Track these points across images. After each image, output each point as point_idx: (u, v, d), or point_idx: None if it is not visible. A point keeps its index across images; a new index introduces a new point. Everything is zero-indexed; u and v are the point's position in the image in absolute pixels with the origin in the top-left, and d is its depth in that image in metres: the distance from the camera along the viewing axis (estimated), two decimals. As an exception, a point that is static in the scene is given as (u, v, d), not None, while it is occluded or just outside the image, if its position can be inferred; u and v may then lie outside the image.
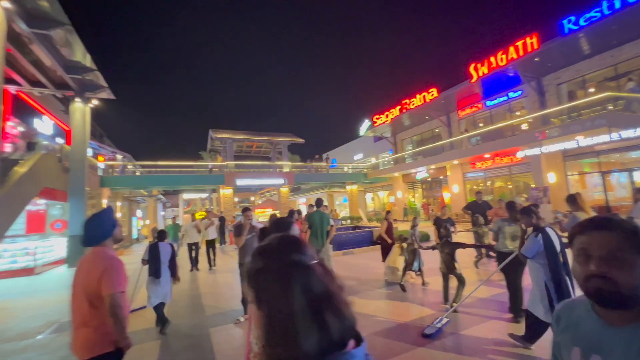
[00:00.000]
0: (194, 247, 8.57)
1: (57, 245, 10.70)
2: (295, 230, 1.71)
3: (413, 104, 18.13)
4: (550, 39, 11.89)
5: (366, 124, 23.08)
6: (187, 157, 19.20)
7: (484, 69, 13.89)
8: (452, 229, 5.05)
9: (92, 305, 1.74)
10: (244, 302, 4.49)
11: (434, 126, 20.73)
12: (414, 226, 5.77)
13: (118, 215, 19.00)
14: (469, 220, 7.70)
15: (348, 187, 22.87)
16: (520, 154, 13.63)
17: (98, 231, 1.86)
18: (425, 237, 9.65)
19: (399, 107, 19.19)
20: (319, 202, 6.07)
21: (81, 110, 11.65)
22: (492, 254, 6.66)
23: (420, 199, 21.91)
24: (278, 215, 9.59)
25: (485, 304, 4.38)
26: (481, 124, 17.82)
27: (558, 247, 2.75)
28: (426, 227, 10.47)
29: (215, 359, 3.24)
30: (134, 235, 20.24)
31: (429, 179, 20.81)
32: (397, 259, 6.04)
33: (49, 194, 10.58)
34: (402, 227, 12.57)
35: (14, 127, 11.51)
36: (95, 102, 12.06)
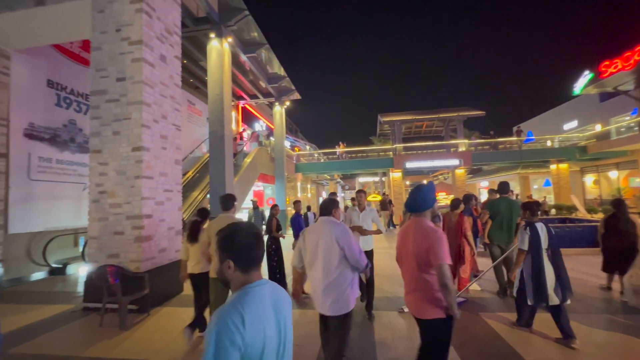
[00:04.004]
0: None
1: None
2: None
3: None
4: None
5: (585, 78, 16.49)
6: (359, 143, 20.56)
7: None
8: None
9: (421, 270, 1.94)
10: None
11: None
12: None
13: (308, 195, 23.13)
14: None
15: (552, 167, 17.45)
16: None
17: (423, 201, 2.06)
18: None
19: (653, 41, 12.38)
20: (504, 187, 4.78)
21: (279, 112, 14.71)
22: None
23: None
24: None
25: None
26: None
27: (545, 242, 3.15)
28: None
29: (376, 347, 3.14)
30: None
31: None
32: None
33: (264, 178, 14.13)
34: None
35: (245, 130, 16.07)
36: (287, 103, 14.89)
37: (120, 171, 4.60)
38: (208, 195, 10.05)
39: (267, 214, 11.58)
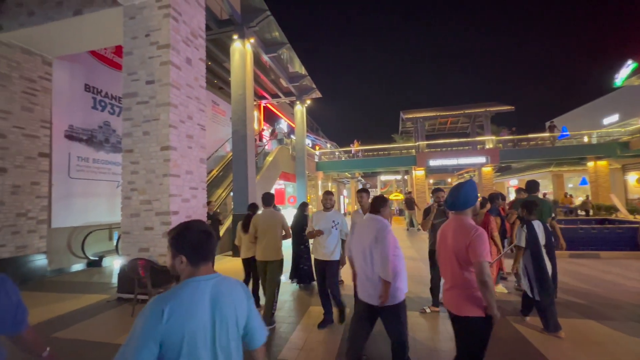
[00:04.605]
0: None
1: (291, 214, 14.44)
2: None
3: None
4: None
5: (628, 68, 15.33)
6: (381, 141, 20.28)
7: None
8: None
9: (462, 267, 1.95)
10: (433, 291, 4.11)
11: None
12: None
13: (329, 193, 23.13)
14: None
15: (590, 164, 16.34)
16: None
17: (466, 199, 2.01)
18: None
19: None
20: (532, 185, 4.53)
21: (300, 110, 14.81)
22: None
23: None
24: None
25: None
26: None
27: (543, 239, 3.38)
28: None
29: (396, 345, 3.11)
30: (341, 210, 24.04)
31: None
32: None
33: (285, 176, 14.31)
34: None
35: (265, 129, 16.32)
36: (308, 102, 14.96)
37: (150, 169, 4.84)
38: (231, 193, 10.33)
39: (283, 212, 11.67)
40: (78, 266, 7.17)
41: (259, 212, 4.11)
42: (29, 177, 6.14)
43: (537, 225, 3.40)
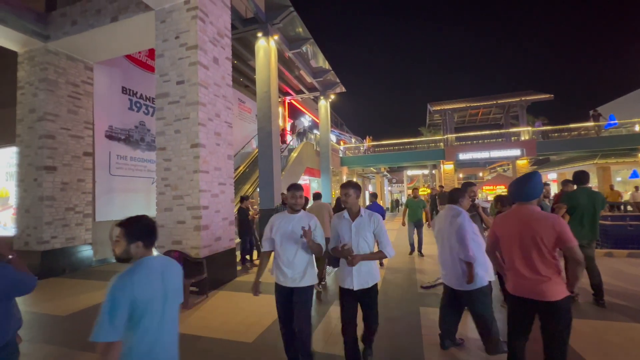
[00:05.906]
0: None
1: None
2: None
3: None
4: None
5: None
6: (407, 134, 19.78)
7: None
8: None
9: (549, 253, 2.01)
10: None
11: None
12: None
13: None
14: None
15: (641, 155, 14.90)
16: None
17: (533, 190, 2.15)
18: None
19: None
20: (582, 176, 4.16)
21: (324, 105, 14.79)
22: None
23: None
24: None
25: None
26: None
27: None
28: None
29: (423, 344, 3.05)
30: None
31: None
32: None
33: (309, 171, 14.41)
34: None
35: (290, 125, 16.47)
36: (332, 97, 14.88)
37: (181, 166, 5.07)
38: (258, 189, 10.58)
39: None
40: (119, 257, 7.70)
41: (310, 204, 5.30)
42: (75, 174, 6.67)
43: None
